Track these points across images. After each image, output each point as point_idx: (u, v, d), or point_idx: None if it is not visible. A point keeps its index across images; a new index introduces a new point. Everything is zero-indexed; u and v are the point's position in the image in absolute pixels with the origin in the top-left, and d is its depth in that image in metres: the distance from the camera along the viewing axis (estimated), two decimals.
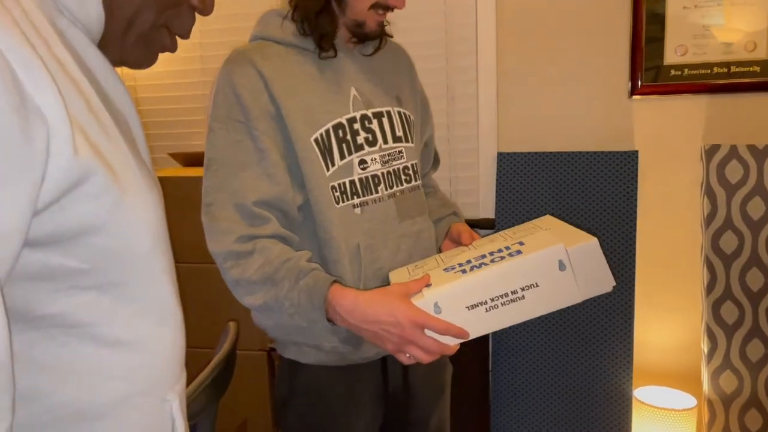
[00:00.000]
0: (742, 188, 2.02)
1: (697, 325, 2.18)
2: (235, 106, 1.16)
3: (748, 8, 2.03)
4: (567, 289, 1.01)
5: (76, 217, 0.55)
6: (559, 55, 2.20)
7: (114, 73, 0.64)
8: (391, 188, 1.25)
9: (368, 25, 1.21)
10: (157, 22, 0.66)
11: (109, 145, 0.58)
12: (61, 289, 0.57)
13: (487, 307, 1.01)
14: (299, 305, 1.09)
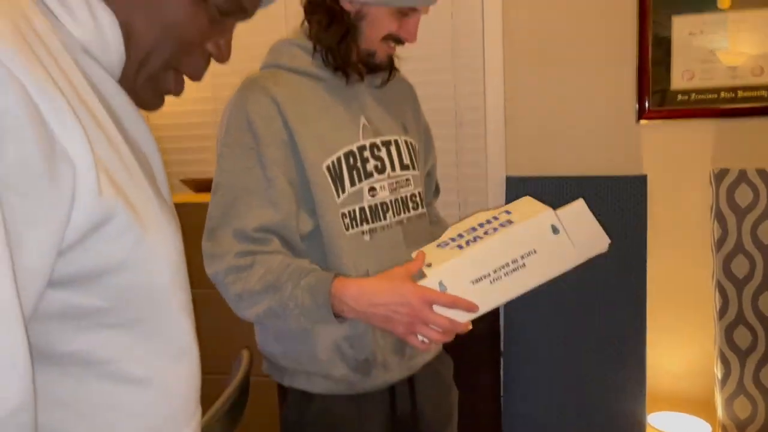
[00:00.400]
0: (752, 212, 2.02)
1: (710, 350, 2.16)
2: (247, 132, 1.17)
3: (754, 33, 2.04)
4: (564, 252, 1.03)
5: (99, 257, 0.56)
6: (565, 79, 2.22)
7: (136, 111, 0.65)
8: (399, 215, 1.26)
9: (379, 55, 1.23)
10: (168, 63, 0.67)
11: (130, 183, 0.59)
12: (81, 328, 0.57)
13: (491, 279, 1.01)
14: (304, 305, 1.09)
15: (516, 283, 1.02)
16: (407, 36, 1.20)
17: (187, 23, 0.65)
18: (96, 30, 0.60)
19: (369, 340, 1.21)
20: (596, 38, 2.18)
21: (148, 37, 0.64)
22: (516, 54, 2.25)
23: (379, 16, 1.19)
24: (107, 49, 0.62)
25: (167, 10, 0.64)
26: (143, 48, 0.64)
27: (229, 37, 0.71)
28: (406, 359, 1.27)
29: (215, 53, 0.70)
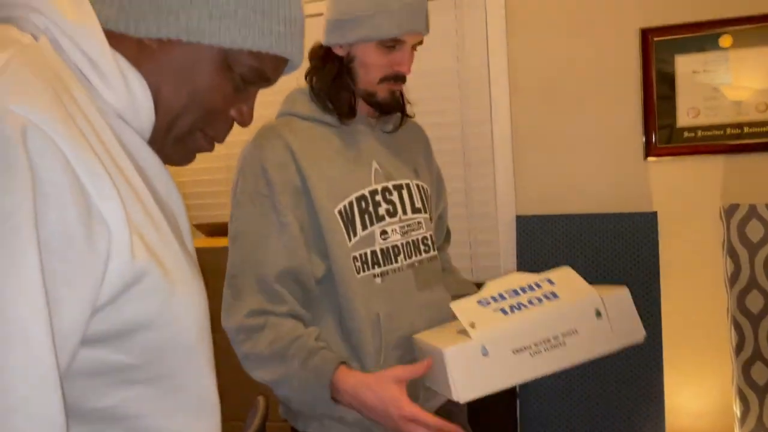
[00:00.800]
0: (764, 247, 2.02)
1: (729, 387, 2.13)
2: (261, 180, 1.20)
3: (756, 70, 2.07)
4: (603, 337, 1.04)
5: (130, 315, 0.57)
6: (572, 118, 2.25)
7: (163, 167, 0.68)
8: (410, 258, 1.27)
9: (380, 95, 1.25)
10: (194, 126, 0.70)
11: (160, 243, 0.61)
12: (111, 384, 0.59)
13: (531, 351, 1.01)
14: (307, 384, 1.13)
15: (552, 361, 1.03)
16: (399, 68, 1.22)
17: (213, 91, 0.69)
18: (129, 97, 0.64)
19: None
20: (601, 77, 2.22)
21: (176, 102, 0.67)
22: (522, 94, 2.29)
23: (366, 54, 1.22)
24: (139, 114, 0.65)
25: (195, 78, 0.67)
26: (171, 112, 0.68)
27: (252, 103, 0.75)
28: (421, 402, 1.26)
29: (238, 118, 0.74)
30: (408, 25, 1.18)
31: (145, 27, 0.65)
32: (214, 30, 0.66)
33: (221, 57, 0.68)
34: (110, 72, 0.62)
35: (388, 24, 1.18)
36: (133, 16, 0.65)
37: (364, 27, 1.19)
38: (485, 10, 2.29)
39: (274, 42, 0.70)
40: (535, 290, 1.06)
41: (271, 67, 0.72)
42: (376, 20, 1.18)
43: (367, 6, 1.19)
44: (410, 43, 1.21)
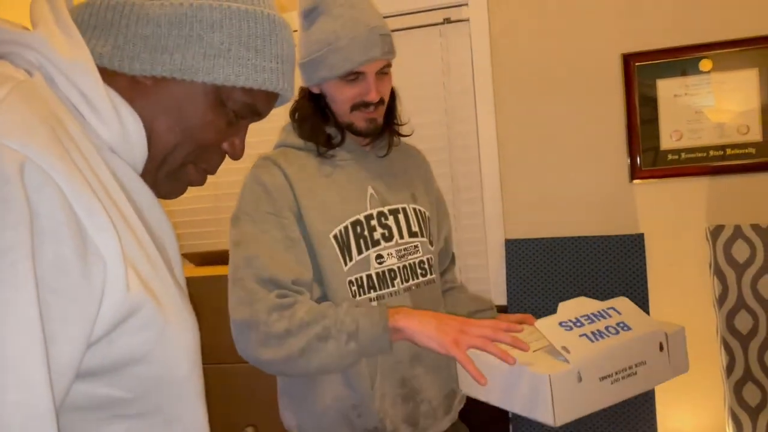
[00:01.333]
0: (750, 267, 2.03)
1: (721, 409, 2.13)
2: (263, 199, 1.23)
3: (736, 92, 2.11)
4: (662, 369, 1.11)
5: (124, 349, 0.58)
6: (558, 142, 2.28)
7: (157, 203, 0.69)
8: (407, 282, 1.29)
9: (357, 124, 1.28)
10: (186, 160, 0.72)
11: (154, 276, 0.61)
12: (103, 419, 0.59)
13: (612, 379, 1.05)
14: (359, 322, 1.11)
15: (626, 389, 1.07)
16: (365, 97, 1.24)
17: (206, 127, 0.70)
18: (122, 132, 0.65)
19: (375, 408, 1.22)
20: (585, 102, 2.25)
21: (169, 138, 0.69)
22: (508, 119, 2.32)
23: (333, 90, 1.26)
24: (132, 149, 0.66)
25: (188, 115, 0.68)
26: (165, 148, 0.69)
27: (243, 136, 0.76)
28: (419, 430, 1.27)
29: (230, 152, 0.75)
30: (360, 57, 1.21)
31: (139, 65, 0.66)
32: (208, 68, 0.67)
33: (214, 93, 0.69)
34: (104, 108, 0.63)
35: (340, 61, 1.21)
36: (127, 54, 0.66)
37: (320, 67, 1.24)
38: (470, 37, 2.33)
39: (267, 79, 0.71)
40: (607, 318, 1.11)
41: (263, 103, 0.74)
42: (329, 59, 1.22)
43: (319, 47, 1.23)
44: (372, 72, 1.24)
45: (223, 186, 2.59)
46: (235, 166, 2.57)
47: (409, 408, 1.25)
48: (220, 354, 2.09)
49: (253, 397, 2.10)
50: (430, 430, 1.29)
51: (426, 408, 1.27)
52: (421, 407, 1.27)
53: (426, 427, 1.28)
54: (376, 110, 1.27)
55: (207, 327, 2.34)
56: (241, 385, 2.12)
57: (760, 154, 2.10)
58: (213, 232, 2.63)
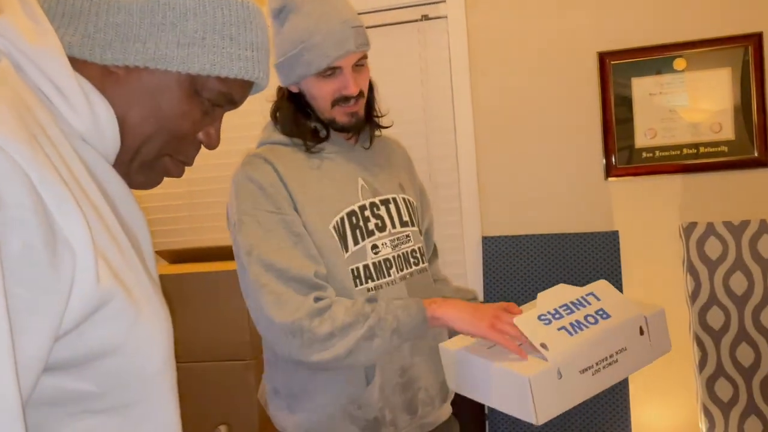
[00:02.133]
0: (722, 264, 2.06)
1: (693, 404, 2.15)
2: (261, 198, 1.21)
3: (710, 91, 2.14)
4: (644, 352, 1.11)
5: (94, 341, 0.56)
6: (534, 141, 2.29)
7: (130, 194, 0.67)
8: (402, 271, 1.30)
9: (338, 119, 1.27)
10: (161, 151, 0.70)
11: (126, 267, 0.60)
12: (72, 414, 0.57)
13: (593, 371, 1.06)
14: (399, 318, 1.16)
15: (607, 378, 1.07)
16: (344, 91, 1.24)
17: (181, 117, 0.68)
18: (93, 119, 0.63)
19: (375, 399, 1.23)
20: (561, 100, 2.26)
21: (144, 128, 0.67)
22: (485, 117, 2.32)
23: (311, 87, 1.26)
24: (103, 137, 0.64)
25: (162, 105, 0.67)
26: (138, 138, 0.67)
27: (219, 125, 0.74)
28: (417, 418, 1.29)
29: (206, 142, 0.73)
30: (334, 52, 1.20)
31: (111, 54, 0.64)
32: (182, 57, 0.66)
33: (189, 83, 0.68)
34: (74, 95, 0.61)
35: (316, 57, 1.21)
36: (98, 43, 0.64)
37: (296, 66, 1.23)
38: (448, 34, 2.33)
39: (242, 67, 0.70)
40: (586, 306, 1.11)
41: (238, 91, 0.72)
42: (305, 57, 1.21)
43: (294, 45, 1.23)
44: (348, 65, 1.23)
45: (198, 182, 2.55)
46: (207, 162, 2.54)
47: (408, 396, 1.26)
48: (195, 352, 2.06)
49: (227, 395, 2.08)
50: (429, 418, 1.31)
51: (424, 396, 1.28)
52: (420, 395, 1.28)
53: (424, 414, 1.30)
54: (356, 104, 1.26)
55: (181, 325, 2.32)
56: (215, 383, 2.09)
57: (733, 152, 2.13)
58: (187, 229, 2.59)
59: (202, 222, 2.57)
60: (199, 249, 2.35)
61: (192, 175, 2.56)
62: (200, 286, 2.04)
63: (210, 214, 2.56)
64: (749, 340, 2.03)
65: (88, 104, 0.62)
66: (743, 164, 2.13)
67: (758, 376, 2.02)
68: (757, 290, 2.03)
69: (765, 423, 2.01)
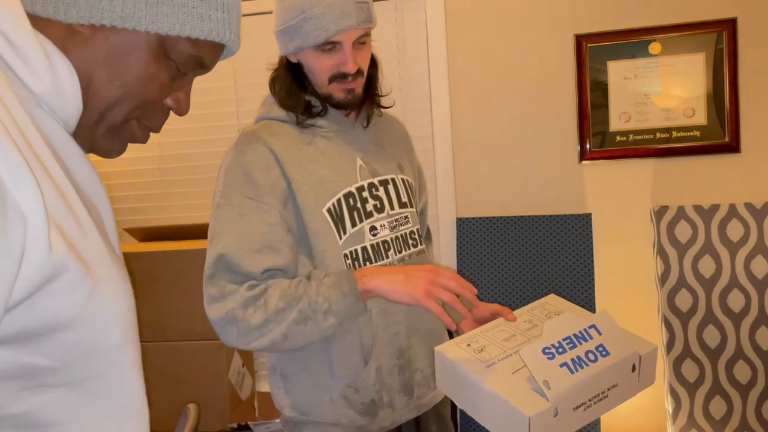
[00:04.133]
0: (692, 247, 2.09)
1: (660, 384, 2.20)
2: (244, 183, 1.19)
3: (684, 76, 2.15)
4: (631, 386, 1.12)
5: (47, 313, 0.53)
6: (511, 124, 2.29)
7: (89, 165, 0.64)
8: (400, 253, 1.28)
9: (335, 96, 1.25)
10: (129, 116, 0.67)
11: (83, 238, 0.57)
12: (27, 388, 0.54)
13: (585, 407, 1.07)
14: (331, 298, 1.13)
15: (596, 412, 1.08)
16: (343, 68, 1.21)
17: (149, 80, 0.66)
18: (53, 82, 0.60)
19: (372, 381, 1.22)
20: (537, 82, 2.26)
21: (110, 92, 0.64)
22: (462, 98, 2.31)
23: (309, 60, 1.23)
24: (65, 100, 0.61)
25: (130, 67, 0.64)
26: (104, 102, 0.64)
27: (188, 90, 0.72)
28: (414, 399, 1.29)
29: (175, 107, 0.71)
30: (335, 26, 1.17)
31: (76, 12, 0.61)
32: (151, 16, 0.63)
33: (158, 44, 0.65)
34: (34, 56, 0.58)
35: (314, 30, 1.18)
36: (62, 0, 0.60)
37: (295, 36, 1.20)
38: (425, 14, 2.30)
39: (213, 29, 0.67)
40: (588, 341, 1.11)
41: (209, 54, 0.70)
42: (304, 28, 1.18)
43: (294, 15, 1.19)
44: (348, 41, 1.20)
45: (169, 160, 2.51)
46: (179, 139, 2.49)
47: (405, 378, 1.26)
48: (165, 331, 2.04)
49: (197, 375, 2.06)
50: (425, 399, 1.31)
51: (420, 377, 1.28)
52: (416, 376, 1.28)
53: (421, 395, 1.30)
54: (354, 81, 1.23)
55: (151, 304, 2.28)
56: (186, 362, 2.07)
57: (705, 137, 2.15)
58: (158, 207, 2.54)
59: (173, 200, 2.53)
60: (169, 227, 2.32)
61: (164, 152, 2.51)
62: (170, 265, 2.01)
63: (181, 192, 2.52)
64: (716, 322, 2.07)
65: (49, 66, 0.59)
66: (714, 149, 2.15)
67: (723, 358, 2.06)
68: (725, 274, 2.07)
69: (729, 403, 2.05)
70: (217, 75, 2.45)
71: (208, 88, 2.45)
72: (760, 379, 2.04)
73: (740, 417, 2.05)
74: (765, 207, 2.06)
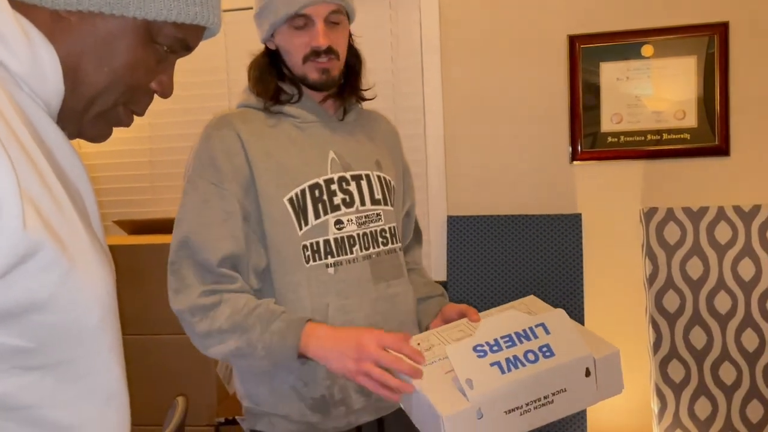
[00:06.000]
0: (680, 249, 2.11)
1: (647, 384, 2.21)
2: (209, 168, 1.19)
3: (675, 78, 2.17)
4: (587, 393, 1.05)
5: (23, 293, 0.53)
6: (502, 123, 2.29)
7: (71, 147, 0.64)
8: (367, 250, 1.26)
9: (310, 76, 1.24)
10: (116, 102, 0.68)
11: (60, 219, 0.57)
12: (2, 370, 0.54)
13: (521, 411, 1.01)
14: (270, 348, 1.12)
15: (538, 418, 1.02)
16: (315, 43, 1.21)
17: (137, 65, 0.67)
18: (33, 62, 0.60)
19: (321, 376, 1.20)
20: (530, 82, 2.27)
21: (98, 78, 0.64)
22: (455, 98, 2.31)
23: (283, 40, 1.24)
24: (45, 81, 0.61)
25: (118, 53, 0.65)
26: (93, 88, 0.65)
27: (171, 73, 0.73)
28: (373, 400, 1.25)
29: (159, 90, 0.72)
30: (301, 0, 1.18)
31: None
32: (139, 2, 0.64)
33: (144, 30, 0.66)
34: (11, 33, 0.58)
35: (283, 4, 1.19)
36: None
37: (267, 15, 1.22)
38: (420, 11, 2.30)
39: (198, 12, 0.68)
40: (531, 340, 1.04)
41: (193, 37, 0.71)
42: (273, 4, 1.21)
43: None
44: (320, 16, 1.20)
45: (160, 153, 2.50)
46: (170, 132, 2.48)
47: None
48: (153, 325, 2.03)
49: (185, 369, 2.05)
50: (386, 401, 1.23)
51: None
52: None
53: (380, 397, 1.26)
54: (328, 61, 1.23)
55: (139, 296, 2.27)
56: (173, 356, 2.06)
57: (695, 140, 2.17)
58: (148, 200, 2.53)
59: (163, 194, 2.52)
60: (158, 220, 2.30)
61: (154, 145, 2.50)
62: (159, 258, 1.99)
63: (171, 186, 2.51)
64: (702, 323, 2.08)
65: (28, 45, 0.59)
66: (704, 152, 2.17)
67: (709, 359, 2.08)
68: (712, 275, 2.08)
69: (714, 404, 2.07)
70: (210, 67, 2.44)
71: (200, 81, 2.44)
72: (745, 381, 2.06)
73: (725, 418, 2.06)
74: (753, 210, 2.08)
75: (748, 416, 2.05)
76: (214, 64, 2.43)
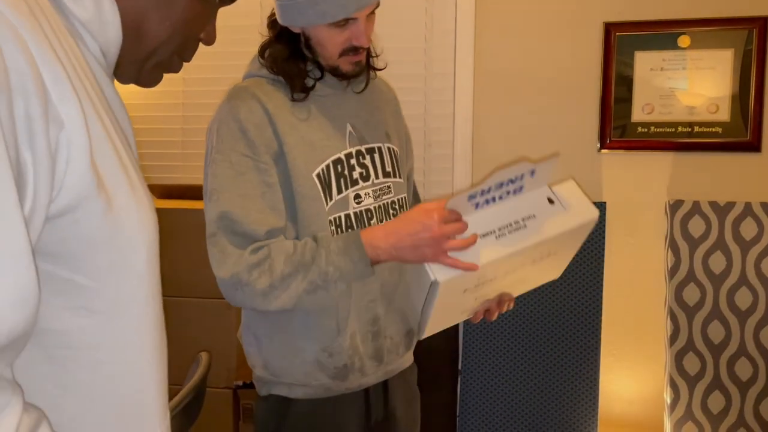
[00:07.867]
0: (704, 243, 2.10)
1: (661, 376, 2.22)
2: (241, 140, 1.18)
3: (711, 71, 2.14)
4: (560, 218, 1.19)
5: (86, 231, 0.57)
6: (532, 108, 2.29)
7: (122, 102, 0.69)
8: (382, 221, 1.28)
9: (342, 68, 1.24)
10: (174, 52, 0.73)
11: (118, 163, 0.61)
12: (69, 308, 0.58)
13: (496, 235, 1.14)
14: (342, 267, 1.15)
15: (516, 239, 1.15)
16: (356, 42, 1.20)
17: (194, 19, 0.71)
18: (97, 11, 0.63)
19: (346, 347, 1.24)
20: (563, 69, 2.25)
21: (161, 31, 0.69)
22: (486, 81, 2.31)
23: (320, 34, 1.20)
24: (106, 28, 0.64)
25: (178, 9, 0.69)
26: (156, 41, 0.69)
27: (215, 22, 0.77)
28: (383, 365, 1.31)
29: (206, 39, 0.76)
30: (353, 5, 1.15)
31: None
32: None
33: None
34: None
35: (331, 8, 1.15)
36: None
37: (307, 12, 1.17)
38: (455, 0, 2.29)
39: None
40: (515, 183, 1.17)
41: None
42: (320, 6, 1.15)
43: None
44: (363, 16, 1.19)
45: (192, 120, 2.54)
46: (202, 101, 2.52)
47: (377, 345, 1.28)
48: (178, 287, 2.09)
49: (207, 332, 2.11)
50: (393, 365, 1.33)
51: (389, 344, 1.30)
52: (386, 343, 1.30)
53: (389, 362, 1.32)
54: (363, 53, 1.24)
55: (165, 260, 2.33)
56: (196, 319, 2.12)
57: (727, 134, 2.14)
58: (180, 166, 2.58)
59: (195, 161, 2.57)
60: (189, 186, 2.35)
61: (187, 113, 2.54)
62: (187, 222, 2.05)
63: (202, 153, 2.55)
64: (722, 318, 2.08)
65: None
66: (735, 147, 2.14)
67: (726, 354, 2.07)
68: (735, 271, 2.07)
69: (728, 399, 2.07)
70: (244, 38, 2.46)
71: (234, 52, 2.46)
72: (761, 378, 2.05)
73: (738, 413, 2.07)
74: None
75: (761, 413, 2.05)
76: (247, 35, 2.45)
